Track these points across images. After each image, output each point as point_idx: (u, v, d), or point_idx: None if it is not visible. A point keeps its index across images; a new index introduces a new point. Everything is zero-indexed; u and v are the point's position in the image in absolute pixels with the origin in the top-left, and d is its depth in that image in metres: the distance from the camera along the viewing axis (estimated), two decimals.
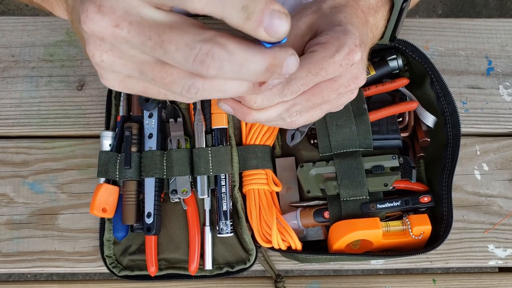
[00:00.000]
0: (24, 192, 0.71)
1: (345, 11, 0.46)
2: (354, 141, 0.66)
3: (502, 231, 0.70)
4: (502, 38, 0.78)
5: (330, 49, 0.40)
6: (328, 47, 0.40)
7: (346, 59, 0.40)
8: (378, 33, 0.53)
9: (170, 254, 0.67)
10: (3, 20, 0.78)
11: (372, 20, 0.49)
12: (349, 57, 0.40)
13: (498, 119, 0.75)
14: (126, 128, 0.66)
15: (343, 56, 0.40)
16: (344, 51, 0.40)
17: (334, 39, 0.40)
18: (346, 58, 0.40)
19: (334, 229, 0.63)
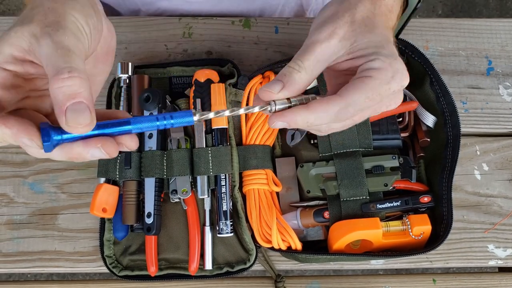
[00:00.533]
0: (24, 192, 0.71)
1: (377, 24, 0.45)
2: (354, 141, 0.66)
3: (502, 231, 0.70)
4: (502, 38, 0.78)
5: (386, 75, 0.42)
6: (383, 73, 0.42)
7: (400, 85, 0.43)
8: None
9: (170, 254, 0.67)
10: (3, 20, 0.78)
11: (391, 23, 0.48)
12: (403, 83, 0.43)
13: (498, 119, 0.75)
14: None
15: (397, 82, 0.42)
16: (399, 78, 0.42)
17: (388, 64, 0.42)
18: (400, 84, 0.43)
19: (334, 229, 0.63)
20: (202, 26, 0.77)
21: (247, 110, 0.43)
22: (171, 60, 0.76)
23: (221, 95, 0.67)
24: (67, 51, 0.37)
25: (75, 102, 0.35)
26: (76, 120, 0.35)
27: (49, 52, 0.37)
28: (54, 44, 0.37)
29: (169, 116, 0.40)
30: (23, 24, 0.38)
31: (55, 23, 0.38)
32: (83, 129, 0.36)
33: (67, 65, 0.36)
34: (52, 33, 0.37)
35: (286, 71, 0.42)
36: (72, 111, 0.35)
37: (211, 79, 0.68)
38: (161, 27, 0.77)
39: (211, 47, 0.77)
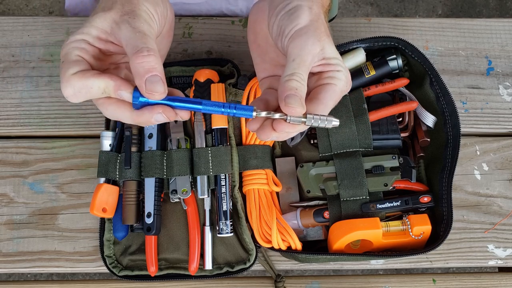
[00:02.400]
0: (24, 192, 0.71)
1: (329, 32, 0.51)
2: (354, 141, 0.66)
3: (502, 231, 0.71)
4: (502, 38, 0.78)
5: (345, 84, 0.49)
6: (343, 83, 0.49)
7: (347, 91, 0.50)
8: (326, 1, 0.56)
9: (170, 254, 0.67)
10: (3, 20, 0.78)
11: None
12: (349, 89, 0.50)
13: (498, 119, 0.75)
14: (126, 128, 0.66)
15: (348, 89, 0.50)
16: (349, 85, 0.50)
17: (345, 75, 0.49)
18: (347, 90, 0.50)
19: (334, 229, 0.63)
20: (202, 26, 0.77)
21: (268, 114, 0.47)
22: (171, 60, 0.76)
23: (221, 95, 0.67)
24: (144, 34, 0.46)
25: (152, 75, 0.45)
26: (154, 88, 0.45)
27: (128, 35, 0.46)
28: (132, 28, 0.46)
29: (233, 106, 0.47)
30: (104, 11, 0.48)
31: (131, 11, 0.48)
32: (159, 96, 0.45)
33: (145, 46, 0.45)
34: (130, 20, 0.47)
35: (296, 85, 0.46)
36: (150, 82, 0.45)
37: (211, 79, 0.68)
38: None
39: (211, 47, 0.77)
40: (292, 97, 0.45)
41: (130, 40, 0.46)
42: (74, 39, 0.47)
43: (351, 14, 1.85)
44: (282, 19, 0.50)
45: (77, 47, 0.47)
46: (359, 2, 1.86)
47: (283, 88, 0.46)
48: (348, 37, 0.77)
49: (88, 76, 0.45)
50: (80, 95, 0.46)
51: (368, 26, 0.78)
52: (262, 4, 0.55)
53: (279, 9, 0.51)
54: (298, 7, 0.50)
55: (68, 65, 0.46)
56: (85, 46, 0.48)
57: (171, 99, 0.47)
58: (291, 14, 0.49)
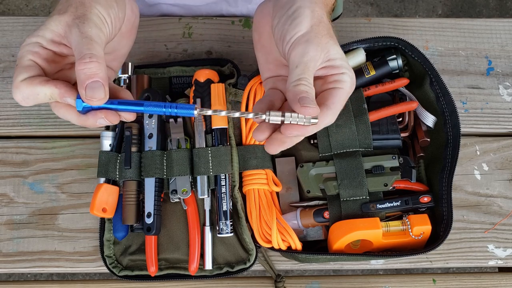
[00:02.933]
0: (24, 192, 0.71)
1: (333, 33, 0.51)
2: (354, 141, 0.66)
3: (502, 231, 0.71)
4: (502, 38, 0.78)
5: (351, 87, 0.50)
6: (349, 85, 0.49)
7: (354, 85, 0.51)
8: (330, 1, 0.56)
9: (170, 254, 0.67)
10: (3, 20, 0.78)
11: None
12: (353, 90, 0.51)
13: (498, 119, 0.75)
14: (126, 128, 0.66)
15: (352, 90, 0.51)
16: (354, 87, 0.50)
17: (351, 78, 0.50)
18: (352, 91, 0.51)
19: (334, 229, 0.63)
20: (202, 26, 0.77)
21: (242, 114, 0.48)
22: (171, 60, 0.76)
23: (221, 95, 0.67)
24: (90, 40, 0.47)
25: (93, 81, 0.46)
26: (93, 94, 0.46)
27: (76, 40, 0.47)
28: (80, 33, 0.47)
29: (174, 106, 0.48)
30: (60, 14, 0.49)
31: (82, 15, 0.48)
32: (98, 102, 0.46)
33: (88, 52, 0.46)
34: (80, 24, 0.48)
35: (305, 88, 0.47)
36: (90, 88, 0.46)
37: (211, 79, 0.68)
38: (161, 27, 0.77)
39: (211, 47, 0.77)
40: (305, 98, 0.46)
41: (77, 45, 0.47)
42: (29, 42, 0.48)
43: (351, 14, 1.85)
44: (284, 24, 0.50)
45: (30, 51, 0.48)
46: (359, 2, 1.86)
47: (294, 92, 0.46)
48: (348, 37, 0.77)
49: (35, 84, 0.47)
50: (29, 100, 0.48)
51: (368, 26, 0.78)
52: (267, 5, 0.55)
53: (282, 12, 0.51)
54: (300, 10, 0.49)
55: (19, 71, 0.48)
56: (39, 49, 0.48)
57: (113, 102, 0.48)
58: (293, 20, 0.49)
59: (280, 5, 0.51)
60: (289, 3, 0.50)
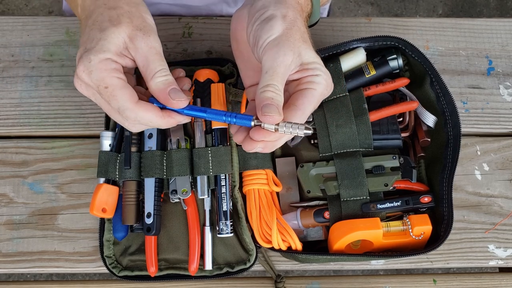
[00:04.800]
0: (24, 192, 0.71)
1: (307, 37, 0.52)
2: (354, 141, 0.66)
3: (503, 231, 0.70)
4: (503, 38, 0.78)
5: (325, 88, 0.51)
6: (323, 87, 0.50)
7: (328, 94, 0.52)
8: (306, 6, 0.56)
9: (170, 254, 0.67)
10: (3, 20, 0.78)
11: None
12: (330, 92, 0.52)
13: (498, 119, 0.75)
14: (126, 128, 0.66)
15: (328, 92, 0.52)
16: (330, 89, 0.52)
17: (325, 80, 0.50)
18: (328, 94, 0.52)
19: (334, 229, 0.62)
20: (202, 26, 0.77)
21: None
22: (171, 60, 0.75)
23: (221, 95, 0.67)
24: (160, 55, 0.51)
25: (172, 88, 0.51)
26: (177, 96, 0.51)
27: (145, 54, 0.50)
28: (149, 48, 0.50)
29: (234, 116, 0.51)
30: (115, 25, 0.49)
31: (143, 27, 0.50)
32: (183, 103, 0.51)
33: (161, 68, 0.50)
34: (145, 38, 0.50)
35: (271, 95, 0.47)
36: (174, 92, 0.51)
37: (211, 79, 0.68)
38: (161, 26, 0.77)
39: (211, 46, 0.76)
40: (268, 106, 0.46)
41: (147, 60, 0.50)
42: (100, 59, 0.48)
43: (352, 13, 1.85)
44: (257, 30, 0.50)
45: (109, 69, 0.48)
46: (360, 2, 1.86)
47: (259, 99, 0.47)
48: (349, 36, 0.77)
49: (148, 107, 0.51)
50: (142, 126, 0.53)
51: (368, 26, 0.78)
52: (242, 12, 0.55)
53: (255, 18, 0.51)
54: (272, 16, 0.50)
55: (122, 94, 0.49)
56: (115, 65, 0.49)
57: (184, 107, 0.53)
58: (265, 24, 0.50)
59: (254, 12, 0.52)
60: (262, 9, 0.51)
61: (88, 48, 0.49)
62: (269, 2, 0.51)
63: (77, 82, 0.50)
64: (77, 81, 0.50)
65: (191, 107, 0.53)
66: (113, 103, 0.50)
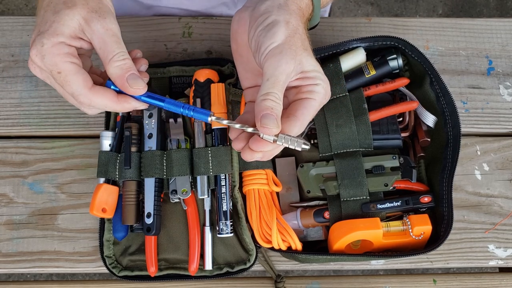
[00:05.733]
0: (24, 192, 0.71)
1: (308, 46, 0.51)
2: (354, 141, 0.66)
3: (503, 231, 0.70)
4: (503, 38, 0.78)
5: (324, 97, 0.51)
6: (322, 96, 0.50)
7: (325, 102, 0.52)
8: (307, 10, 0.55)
9: (170, 254, 0.67)
10: (3, 20, 0.78)
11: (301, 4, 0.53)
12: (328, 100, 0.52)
13: (498, 119, 0.75)
14: (126, 128, 0.66)
15: (326, 100, 0.52)
16: (328, 97, 0.52)
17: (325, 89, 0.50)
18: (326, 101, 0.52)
19: (334, 229, 0.62)
20: (202, 26, 0.77)
21: (254, 130, 0.50)
22: (170, 60, 0.75)
23: (220, 95, 0.67)
24: (117, 38, 0.49)
25: (131, 73, 0.49)
26: (136, 83, 0.50)
27: (102, 36, 0.48)
28: (105, 30, 0.48)
29: (192, 108, 0.52)
30: (69, 8, 0.48)
31: (98, 9, 0.48)
32: (141, 91, 0.50)
33: (120, 50, 0.49)
34: (100, 19, 0.48)
35: (271, 104, 0.47)
36: (132, 79, 0.49)
37: (211, 79, 0.68)
38: (161, 26, 0.77)
39: (211, 46, 0.76)
40: (267, 116, 0.46)
41: (104, 42, 0.48)
42: (53, 42, 0.47)
43: (352, 13, 1.85)
44: (259, 35, 0.50)
45: (62, 53, 0.48)
46: (360, 2, 1.86)
47: (259, 107, 0.47)
48: (349, 36, 0.77)
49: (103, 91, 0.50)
50: (96, 110, 0.52)
51: (368, 26, 0.78)
52: (244, 15, 0.54)
53: (258, 23, 0.50)
54: (275, 22, 0.49)
55: (75, 79, 0.49)
56: (68, 49, 0.48)
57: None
58: (268, 31, 0.49)
59: (256, 16, 0.51)
60: (265, 14, 0.50)
61: (41, 31, 0.48)
62: (272, 7, 0.51)
63: (31, 65, 0.50)
64: (31, 64, 0.50)
65: (149, 94, 0.52)
66: (67, 88, 0.49)
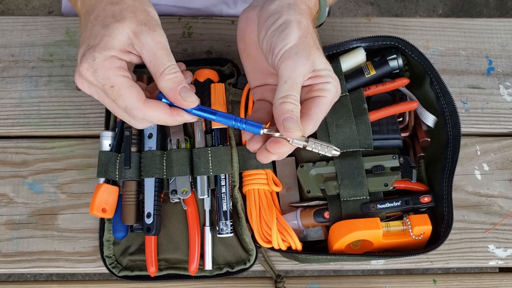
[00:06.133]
0: (24, 192, 0.71)
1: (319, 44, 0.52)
2: (354, 141, 0.65)
3: (503, 231, 0.70)
4: (503, 38, 0.78)
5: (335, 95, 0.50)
6: (333, 94, 0.50)
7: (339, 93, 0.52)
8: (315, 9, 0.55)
9: (170, 254, 0.67)
10: (3, 20, 0.78)
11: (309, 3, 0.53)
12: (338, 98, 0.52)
13: (498, 119, 0.75)
14: (126, 128, 0.66)
15: (337, 98, 0.51)
16: (338, 95, 0.51)
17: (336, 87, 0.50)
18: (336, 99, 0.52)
19: (334, 229, 0.62)
20: (202, 26, 0.77)
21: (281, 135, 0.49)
22: None
23: (221, 95, 0.67)
24: (167, 50, 0.49)
25: (183, 86, 0.49)
26: (188, 97, 0.49)
27: (153, 50, 0.48)
28: (155, 43, 0.48)
29: (244, 121, 0.51)
30: (118, 21, 0.47)
31: (147, 22, 0.49)
32: (193, 104, 0.50)
33: (170, 64, 0.48)
34: (150, 33, 0.48)
35: (291, 107, 0.47)
36: (184, 92, 0.49)
37: (211, 79, 0.68)
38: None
39: (211, 46, 0.76)
40: (289, 120, 0.46)
41: (154, 56, 0.48)
42: (105, 56, 0.47)
43: (352, 13, 1.85)
44: (272, 36, 0.49)
45: (114, 67, 0.47)
46: (360, 2, 1.86)
47: (280, 111, 0.47)
48: (348, 36, 0.77)
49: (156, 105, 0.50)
50: (149, 123, 0.52)
51: (368, 26, 0.78)
52: (251, 14, 0.54)
53: (269, 23, 0.50)
54: (287, 23, 0.49)
55: (129, 92, 0.48)
56: (120, 63, 0.48)
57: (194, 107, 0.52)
58: (281, 32, 0.49)
59: (266, 16, 0.51)
60: (275, 14, 0.50)
61: (91, 45, 0.47)
62: (282, 7, 0.50)
63: (79, 80, 0.49)
64: (79, 79, 0.48)
65: (201, 107, 0.52)
66: (120, 103, 0.48)
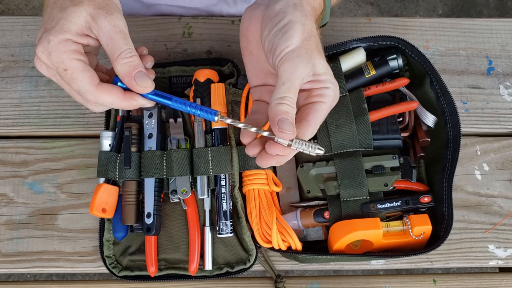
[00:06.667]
0: (24, 192, 0.71)
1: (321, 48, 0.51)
2: (354, 141, 0.65)
3: (503, 231, 0.70)
4: (503, 38, 0.78)
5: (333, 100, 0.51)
6: (332, 99, 0.50)
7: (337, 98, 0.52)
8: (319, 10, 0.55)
9: (170, 254, 0.67)
10: (3, 20, 0.78)
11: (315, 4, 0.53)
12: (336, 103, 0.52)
13: (498, 119, 0.75)
14: (126, 128, 0.66)
15: (335, 103, 0.52)
16: (337, 99, 0.52)
17: (334, 92, 0.50)
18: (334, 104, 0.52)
19: (334, 229, 0.62)
20: (202, 26, 0.77)
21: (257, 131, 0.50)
22: (171, 60, 0.75)
23: (221, 95, 0.67)
24: (124, 34, 0.49)
25: (138, 71, 0.49)
26: (143, 82, 0.50)
27: (109, 33, 0.48)
28: (112, 27, 0.48)
29: (199, 107, 0.52)
30: (75, 5, 0.48)
31: (105, 5, 0.48)
32: (148, 89, 0.50)
33: (127, 47, 0.49)
34: (107, 16, 0.48)
35: (287, 108, 0.47)
36: (139, 77, 0.49)
37: (211, 79, 0.68)
38: (161, 26, 0.77)
39: (211, 46, 0.76)
40: (284, 121, 0.46)
41: (111, 39, 0.48)
42: (60, 39, 0.47)
43: (351, 13, 1.85)
44: (275, 36, 0.49)
45: (69, 51, 0.48)
46: (360, 2, 1.86)
47: (275, 111, 0.47)
48: (348, 36, 0.77)
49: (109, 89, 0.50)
50: (103, 107, 0.52)
51: (368, 26, 0.78)
52: (256, 12, 0.54)
53: (273, 23, 0.50)
54: (291, 24, 0.49)
55: (83, 76, 0.48)
56: (75, 46, 0.48)
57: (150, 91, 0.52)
58: (284, 33, 0.49)
59: (271, 16, 0.50)
60: (280, 15, 0.50)
61: (48, 28, 0.48)
62: (287, 7, 0.50)
63: (37, 62, 0.50)
64: (37, 61, 0.50)
65: (157, 92, 0.52)
66: (74, 86, 0.49)
